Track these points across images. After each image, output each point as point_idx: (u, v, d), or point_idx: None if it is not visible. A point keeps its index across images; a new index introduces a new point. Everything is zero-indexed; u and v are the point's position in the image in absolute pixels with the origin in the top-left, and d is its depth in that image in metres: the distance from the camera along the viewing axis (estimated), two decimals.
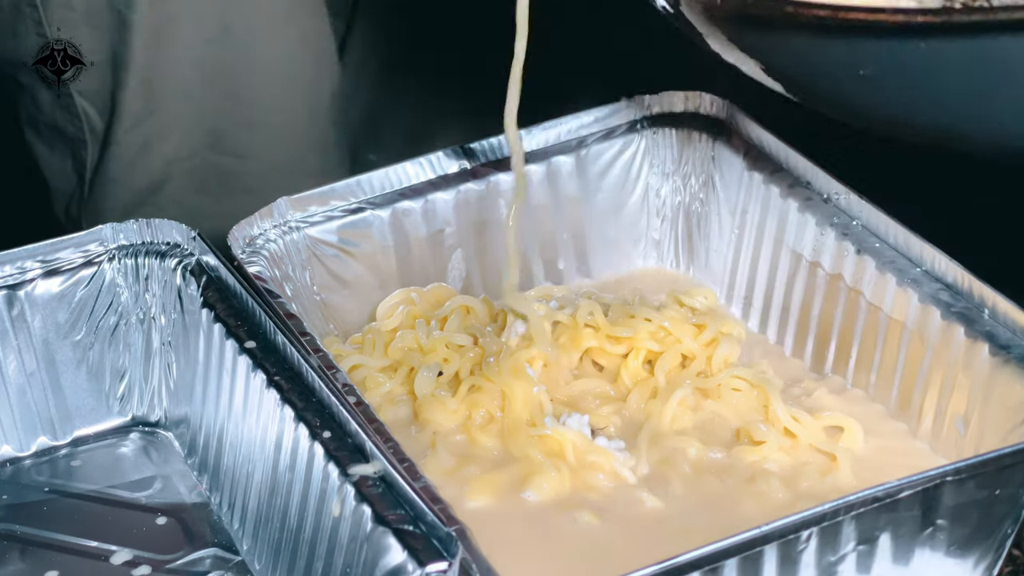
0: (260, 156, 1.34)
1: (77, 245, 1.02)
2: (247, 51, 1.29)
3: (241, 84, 1.30)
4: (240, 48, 1.29)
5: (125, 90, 1.27)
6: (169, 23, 1.26)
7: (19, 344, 1.00)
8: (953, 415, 0.95)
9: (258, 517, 0.91)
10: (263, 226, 1.06)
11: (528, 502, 0.93)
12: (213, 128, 1.31)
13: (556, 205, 1.14)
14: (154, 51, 1.26)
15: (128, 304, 1.02)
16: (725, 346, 1.02)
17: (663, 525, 0.91)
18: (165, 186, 1.32)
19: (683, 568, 0.77)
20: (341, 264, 1.09)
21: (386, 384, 1.02)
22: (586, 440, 0.96)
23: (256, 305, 0.95)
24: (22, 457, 1.01)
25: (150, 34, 1.25)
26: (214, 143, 1.32)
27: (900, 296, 0.98)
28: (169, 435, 1.02)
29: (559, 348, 1.02)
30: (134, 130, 1.29)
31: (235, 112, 1.31)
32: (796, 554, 0.80)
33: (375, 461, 0.83)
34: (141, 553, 0.93)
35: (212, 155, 1.33)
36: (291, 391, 0.90)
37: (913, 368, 0.98)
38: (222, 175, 1.33)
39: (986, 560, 0.87)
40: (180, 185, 1.32)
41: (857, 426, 0.97)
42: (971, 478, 0.83)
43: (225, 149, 1.33)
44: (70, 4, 1.24)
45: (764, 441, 0.96)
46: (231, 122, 1.32)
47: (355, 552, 0.81)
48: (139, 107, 1.28)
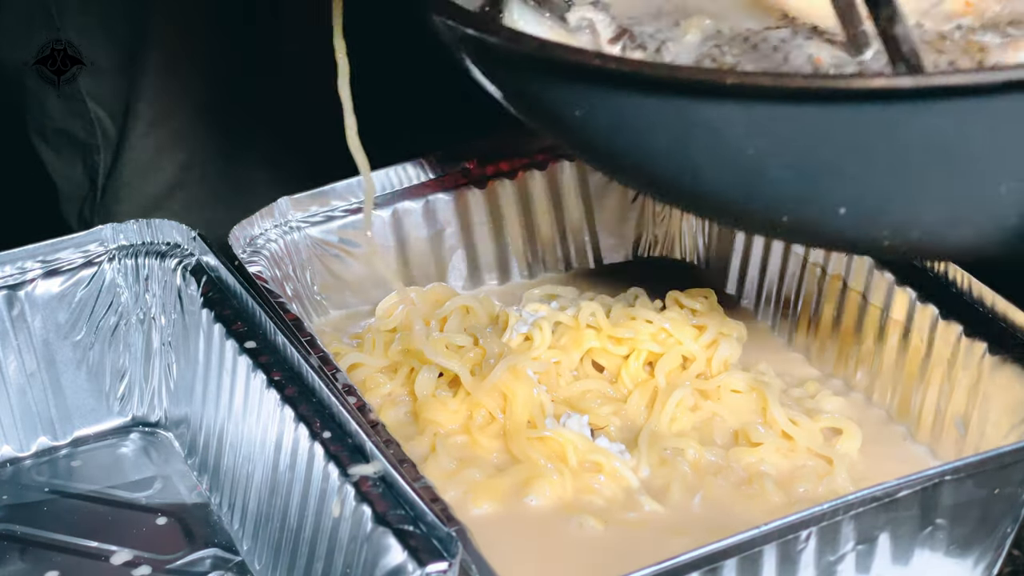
0: (273, 163, 1.34)
1: (77, 245, 1.02)
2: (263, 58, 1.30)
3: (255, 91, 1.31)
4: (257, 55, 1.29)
5: (141, 97, 1.27)
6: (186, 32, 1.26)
7: (19, 344, 1.00)
8: (953, 415, 0.95)
9: (258, 517, 0.91)
10: (264, 226, 1.06)
11: (530, 507, 0.93)
12: (225, 135, 1.32)
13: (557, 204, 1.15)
14: (170, 59, 1.26)
15: (128, 304, 1.02)
16: (725, 347, 1.03)
17: (663, 527, 0.91)
18: (178, 191, 1.32)
19: (683, 568, 0.77)
20: (341, 264, 1.09)
21: (387, 385, 1.02)
22: (587, 441, 0.96)
23: (256, 305, 0.95)
24: (22, 457, 1.01)
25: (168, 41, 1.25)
26: (226, 150, 1.32)
27: (900, 296, 0.99)
28: (169, 435, 1.02)
29: (560, 349, 1.02)
30: (147, 137, 1.29)
31: (247, 119, 1.32)
32: (795, 554, 0.80)
33: (375, 461, 0.83)
34: (141, 553, 0.93)
35: (223, 162, 1.33)
36: (291, 391, 0.90)
37: (913, 368, 0.98)
38: (234, 181, 1.33)
39: (986, 559, 0.87)
40: (193, 190, 1.32)
41: (856, 428, 0.97)
42: (970, 477, 0.83)
43: (236, 156, 1.33)
44: (87, 10, 1.24)
45: (762, 443, 0.96)
46: (244, 129, 1.32)
47: (355, 552, 0.81)
48: (154, 113, 1.28)
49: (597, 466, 0.95)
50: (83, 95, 1.28)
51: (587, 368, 1.03)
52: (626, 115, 0.73)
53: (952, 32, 0.82)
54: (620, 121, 0.73)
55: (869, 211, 0.70)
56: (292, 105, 1.32)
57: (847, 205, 0.70)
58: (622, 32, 0.86)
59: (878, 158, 0.67)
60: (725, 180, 0.72)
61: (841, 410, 1.00)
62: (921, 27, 0.83)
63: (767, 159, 0.69)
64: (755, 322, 1.10)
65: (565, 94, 0.75)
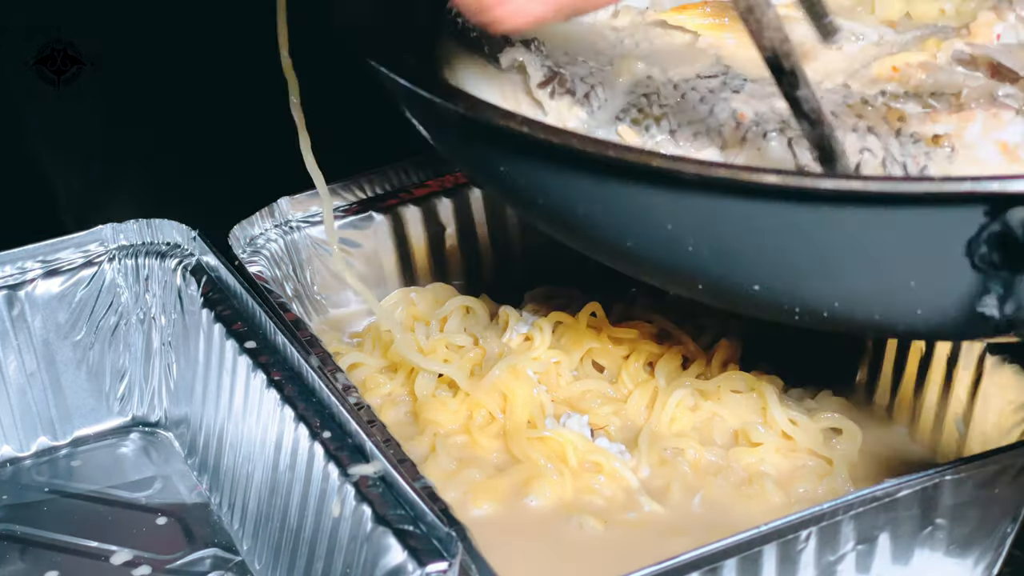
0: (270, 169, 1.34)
1: (77, 245, 1.02)
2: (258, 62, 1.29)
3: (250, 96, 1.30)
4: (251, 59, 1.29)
5: (133, 101, 1.27)
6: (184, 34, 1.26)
7: (19, 344, 1.00)
8: (953, 415, 0.95)
9: (258, 517, 0.91)
10: (264, 226, 1.06)
11: (530, 507, 0.93)
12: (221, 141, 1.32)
13: None
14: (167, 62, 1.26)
15: (128, 304, 1.02)
16: (725, 348, 1.03)
17: (663, 527, 0.91)
18: (173, 198, 1.32)
19: (683, 568, 0.77)
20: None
21: (387, 385, 1.02)
22: (587, 442, 0.96)
23: (256, 305, 0.95)
24: (22, 457, 1.01)
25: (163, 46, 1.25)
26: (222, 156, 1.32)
27: None
28: (169, 435, 1.02)
29: (560, 349, 1.02)
30: (144, 140, 1.29)
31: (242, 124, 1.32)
32: (795, 554, 0.80)
33: (375, 461, 0.83)
34: (141, 553, 0.93)
35: (221, 168, 1.33)
36: (291, 391, 0.90)
37: (912, 368, 0.98)
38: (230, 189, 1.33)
39: (986, 559, 0.87)
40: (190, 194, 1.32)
41: (856, 428, 0.97)
42: (970, 477, 0.83)
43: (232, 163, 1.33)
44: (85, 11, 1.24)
45: (762, 443, 0.96)
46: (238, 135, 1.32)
47: (355, 552, 0.81)
48: (150, 116, 1.28)
49: (597, 466, 0.95)
50: (79, 98, 1.28)
51: (587, 368, 1.03)
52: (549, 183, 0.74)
53: (875, 98, 0.83)
54: (543, 185, 0.75)
55: (780, 291, 0.72)
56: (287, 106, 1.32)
57: (760, 283, 0.72)
58: (552, 75, 0.87)
59: (782, 246, 0.69)
60: (645, 246, 0.74)
61: (841, 410, 1.00)
62: (847, 88, 0.84)
63: (683, 237, 0.71)
64: (754, 320, 1.10)
65: (488, 152, 0.77)
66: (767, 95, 0.82)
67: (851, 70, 0.87)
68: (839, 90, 0.84)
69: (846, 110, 0.81)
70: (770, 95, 0.81)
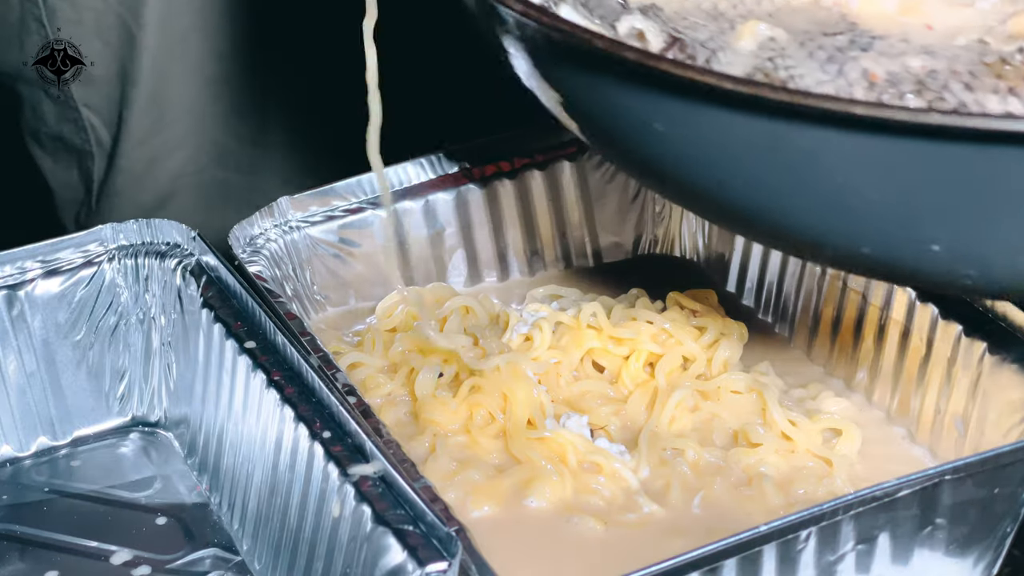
0: (266, 172, 1.34)
1: (77, 245, 1.02)
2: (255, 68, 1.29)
3: (248, 100, 1.30)
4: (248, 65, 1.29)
5: (132, 107, 1.27)
6: (179, 41, 1.26)
7: (19, 344, 1.00)
8: (953, 415, 0.95)
9: (258, 517, 0.91)
10: (264, 225, 1.06)
11: (530, 508, 0.93)
12: (219, 144, 1.31)
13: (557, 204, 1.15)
14: (163, 68, 1.26)
15: (128, 304, 1.02)
16: (725, 348, 1.03)
17: (663, 528, 0.91)
18: (171, 201, 1.32)
19: (683, 568, 0.77)
20: (341, 264, 1.09)
21: (387, 385, 1.02)
22: (587, 442, 0.96)
23: (256, 305, 0.95)
24: (22, 457, 1.01)
25: (159, 52, 1.25)
26: (220, 159, 1.32)
27: (899, 296, 0.99)
28: (169, 435, 1.02)
29: (560, 349, 1.02)
30: (142, 146, 1.29)
31: (241, 128, 1.32)
32: (795, 554, 0.80)
33: (375, 461, 0.83)
34: (141, 553, 0.93)
35: (218, 171, 1.33)
36: (291, 391, 0.90)
37: (912, 368, 0.98)
38: (228, 190, 1.33)
39: (985, 559, 0.87)
40: (186, 200, 1.32)
41: (855, 429, 0.97)
42: (970, 477, 0.83)
43: (231, 165, 1.33)
44: (80, 20, 1.24)
45: (761, 444, 0.96)
46: (237, 138, 1.32)
47: (355, 552, 0.81)
48: (147, 124, 1.28)
49: (597, 467, 0.95)
50: (76, 102, 1.28)
51: (587, 368, 1.03)
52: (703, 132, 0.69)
53: (1013, 55, 0.78)
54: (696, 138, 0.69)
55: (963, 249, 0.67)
56: (287, 110, 1.32)
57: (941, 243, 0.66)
58: (673, 41, 0.84)
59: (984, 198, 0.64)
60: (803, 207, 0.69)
61: (841, 411, 1.00)
62: (985, 44, 0.80)
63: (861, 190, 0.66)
64: (755, 320, 1.10)
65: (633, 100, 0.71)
66: (898, 53, 0.78)
67: (988, 26, 0.82)
68: (975, 46, 0.80)
69: (984, 69, 0.77)
70: (901, 53, 0.77)
